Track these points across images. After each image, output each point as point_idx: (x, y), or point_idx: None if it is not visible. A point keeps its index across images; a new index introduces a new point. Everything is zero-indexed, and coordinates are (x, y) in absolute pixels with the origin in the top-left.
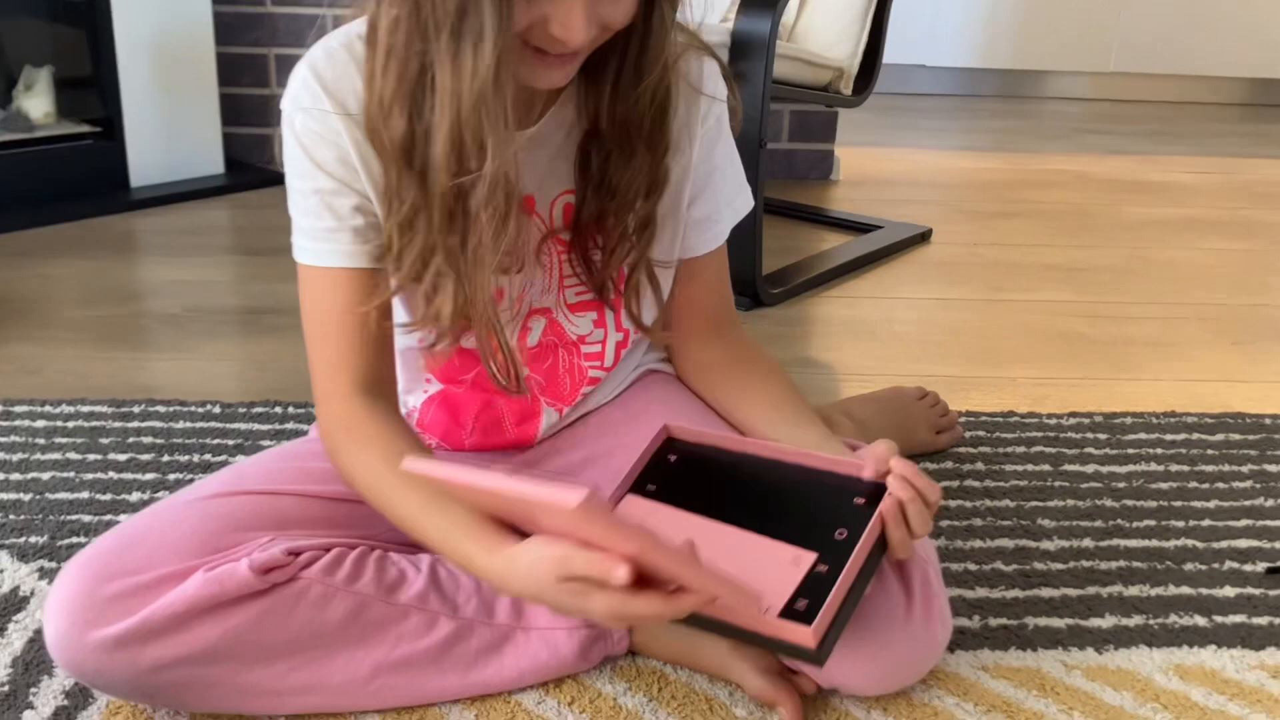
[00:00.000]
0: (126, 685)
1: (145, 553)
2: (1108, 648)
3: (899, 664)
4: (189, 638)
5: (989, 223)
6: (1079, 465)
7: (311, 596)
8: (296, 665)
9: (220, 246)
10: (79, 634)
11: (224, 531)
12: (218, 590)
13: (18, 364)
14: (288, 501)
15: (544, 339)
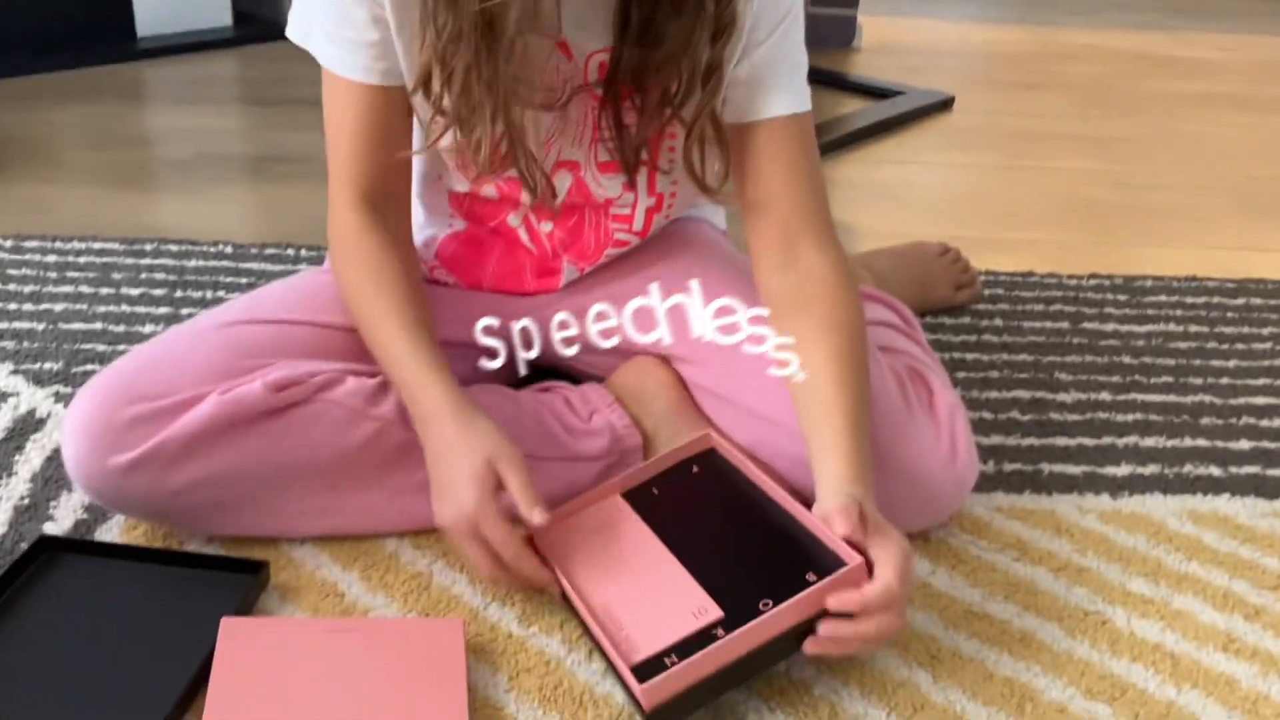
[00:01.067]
0: (146, 508)
1: (161, 377)
2: (1122, 494)
3: (931, 501)
4: (206, 460)
5: (1012, 93)
6: (1098, 324)
7: (330, 418)
8: (315, 488)
9: (229, 96)
10: (98, 459)
11: (240, 357)
12: (233, 410)
13: (27, 203)
14: (306, 331)
15: (569, 199)
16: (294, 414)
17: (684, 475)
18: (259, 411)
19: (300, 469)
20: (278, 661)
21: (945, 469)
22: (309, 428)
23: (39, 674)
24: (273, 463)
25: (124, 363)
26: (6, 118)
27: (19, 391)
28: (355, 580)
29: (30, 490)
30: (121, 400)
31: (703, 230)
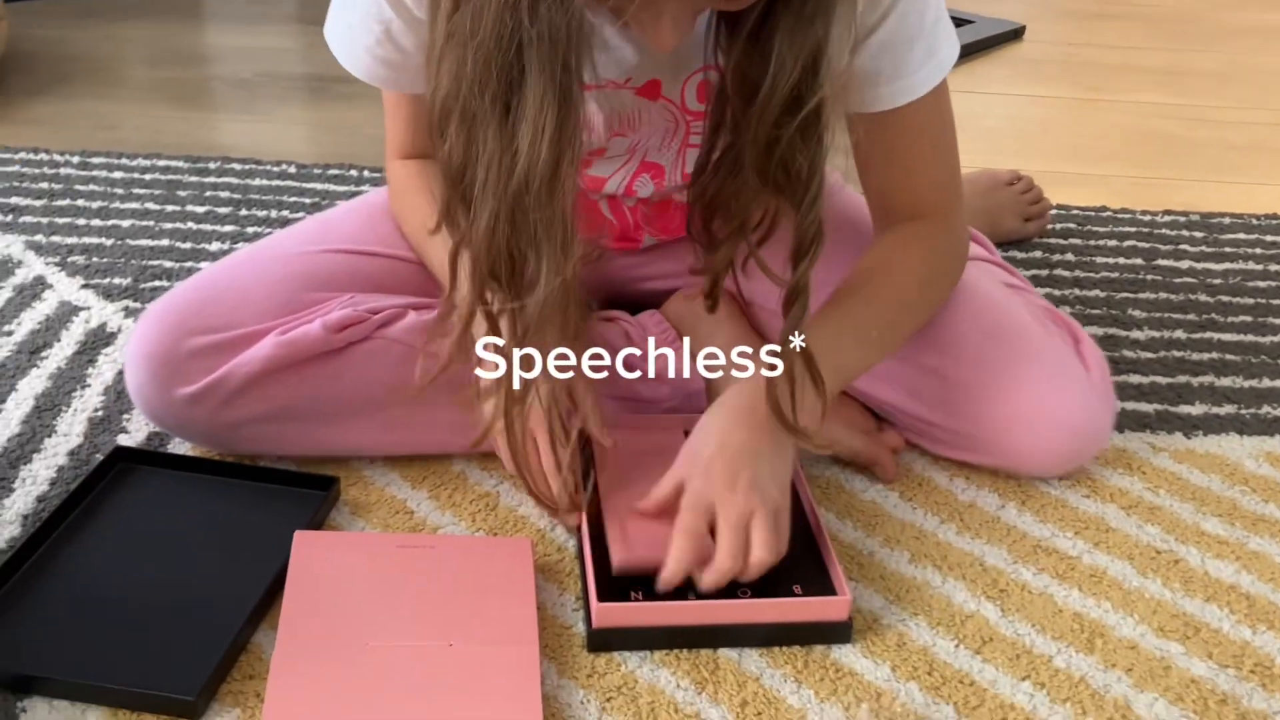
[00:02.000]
0: (207, 437)
1: (225, 310)
2: (1196, 433)
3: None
4: (266, 396)
5: (1084, 23)
6: (1173, 261)
7: (390, 356)
8: (375, 424)
9: (288, 15)
10: (160, 389)
11: (304, 290)
12: (290, 352)
13: (93, 119)
14: (373, 263)
15: (655, 196)
16: (353, 352)
17: None
18: (318, 352)
19: (359, 404)
20: (350, 575)
21: (1103, 408)
22: (368, 365)
23: (115, 584)
24: (332, 399)
25: (188, 289)
26: (72, 34)
27: (90, 305)
28: (424, 498)
29: (103, 403)
30: (184, 331)
31: None
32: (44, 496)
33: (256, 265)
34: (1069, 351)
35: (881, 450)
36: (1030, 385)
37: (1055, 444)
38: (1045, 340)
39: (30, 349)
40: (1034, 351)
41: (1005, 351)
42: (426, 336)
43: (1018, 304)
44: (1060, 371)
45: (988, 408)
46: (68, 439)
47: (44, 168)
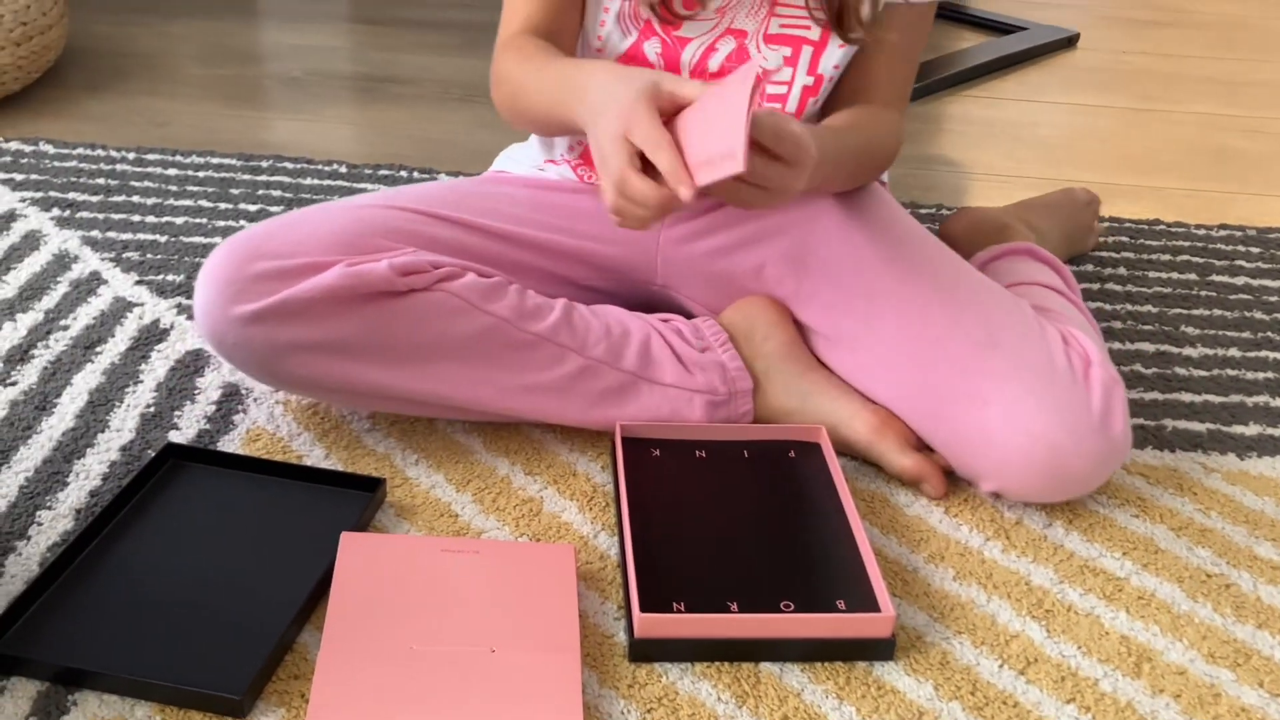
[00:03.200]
0: (261, 361)
1: (294, 240)
2: (1250, 455)
3: (1077, 471)
4: (323, 325)
5: (1139, 31)
6: (1228, 277)
7: (448, 308)
8: (425, 375)
9: (339, 14)
10: (223, 307)
11: (373, 235)
12: (355, 283)
13: (147, 115)
14: (441, 226)
15: (726, 63)
16: (413, 299)
17: (779, 453)
18: (380, 290)
19: (410, 350)
20: (395, 577)
21: (1096, 438)
22: (424, 314)
23: (164, 580)
24: (384, 340)
25: (260, 224)
26: (128, 31)
27: (144, 302)
28: (468, 502)
29: (155, 399)
30: (253, 255)
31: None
32: (96, 491)
33: (327, 210)
34: (1077, 378)
35: (930, 467)
36: (1007, 401)
37: (1029, 464)
38: (1037, 356)
39: (85, 344)
40: (1046, 374)
41: (989, 364)
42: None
43: (1047, 327)
44: (1045, 390)
45: (961, 419)
46: (120, 434)
47: (100, 164)
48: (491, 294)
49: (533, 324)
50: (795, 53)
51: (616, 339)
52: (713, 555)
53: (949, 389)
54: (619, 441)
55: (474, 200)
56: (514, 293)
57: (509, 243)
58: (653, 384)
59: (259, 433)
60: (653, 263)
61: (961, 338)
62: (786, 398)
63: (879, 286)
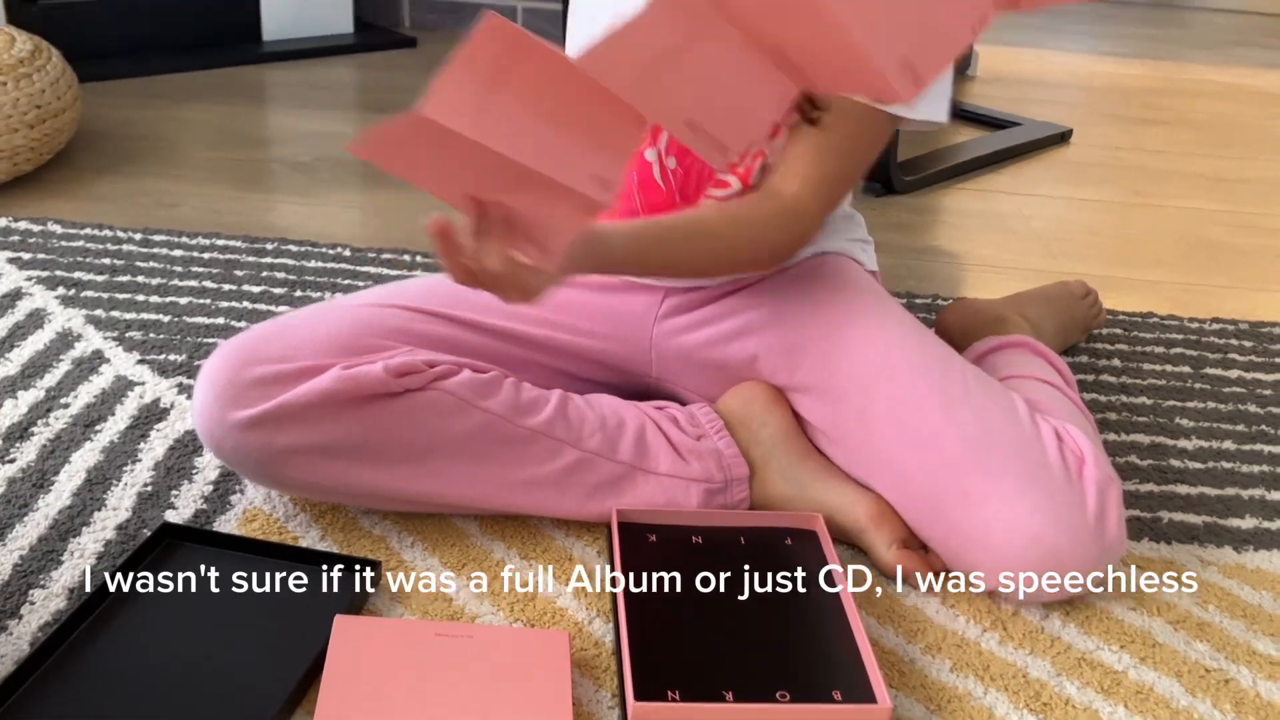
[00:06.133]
0: (258, 466)
1: (290, 344)
2: (1247, 548)
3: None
4: (320, 428)
5: (1132, 128)
6: (1221, 370)
7: (443, 407)
8: (421, 474)
9: (348, 102)
10: (220, 413)
11: (368, 336)
12: (351, 386)
13: (155, 197)
14: (436, 323)
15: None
16: (408, 399)
17: (775, 541)
18: (376, 392)
19: (407, 451)
20: (389, 662)
21: (1092, 539)
22: (420, 413)
23: (157, 660)
24: (381, 442)
25: (257, 327)
26: (139, 115)
27: (145, 381)
28: (464, 586)
29: (153, 478)
30: (249, 360)
31: (846, 272)
32: (91, 570)
33: (323, 311)
34: (1070, 478)
35: (916, 565)
36: (1002, 501)
37: (1024, 565)
38: (1033, 457)
39: (85, 422)
40: (1014, 467)
41: (983, 462)
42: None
43: (1039, 423)
44: (1040, 490)
45: (956, 518)
46: (116, 513)
47: (107, 244)
48: (486, 390)
49: (528, 418)
50: None
51: (612, 429)
52: (708, 643)
53: (944, 487)
54: (615, 527)
55: (467, 296)
56: (509, 387)
57: (503, 338)
58: (649, 474)
59: (255, 513)
60: (647, 356)
61: (956, 435)
62: (783, 484)
63: (872, 381)
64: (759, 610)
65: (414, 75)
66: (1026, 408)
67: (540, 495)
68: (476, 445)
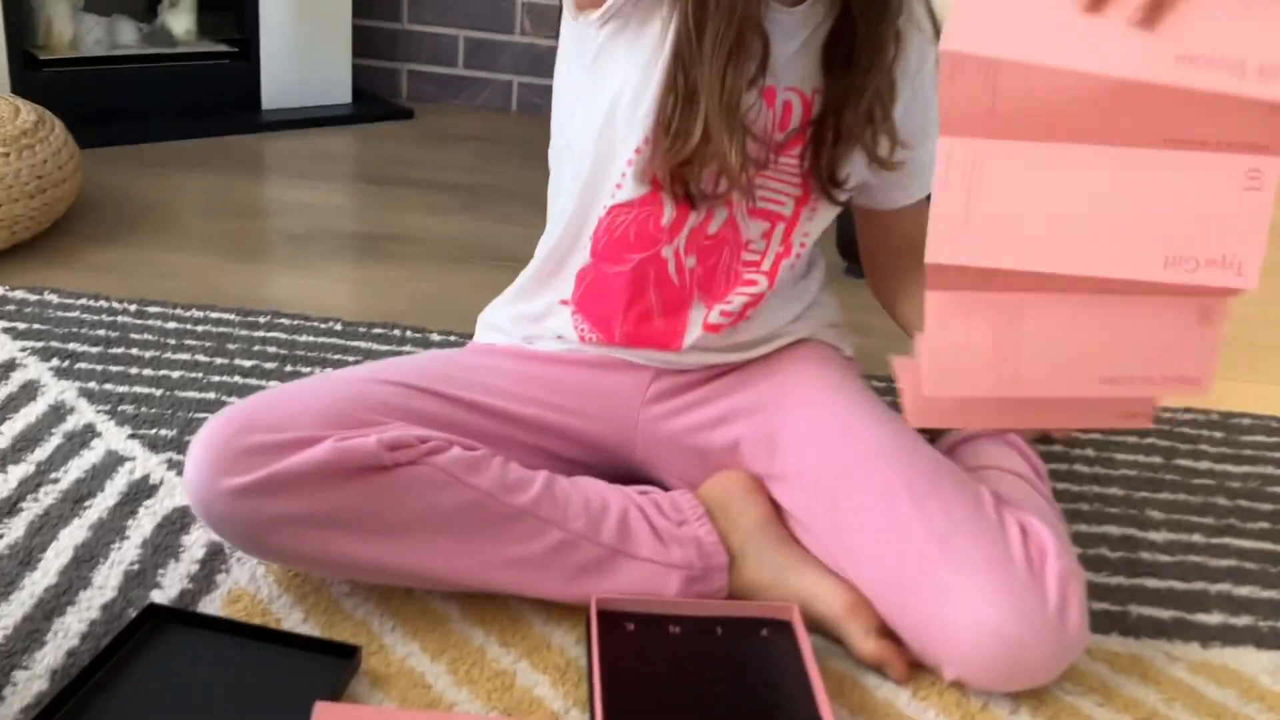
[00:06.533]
0: (246, 534)
1: (285, 414)
2: (1213, 644)
3: (1026, 665)
4: (310, 499)
5: None
6: (1192, 461)
7: (433, 482)
8: (408, 548)
9: (344, 173)
10: (212, 480)
11: (361, 410)
12: (344, 458)
13: (151, 267)
14: (428, 400)
15: (721, 230)
16: (399, 473)
17: (751, 631)
18: (368, 465)
19: (395, 524)
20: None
21: (1052, 633)
22: (410, 487)
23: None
24: (370, 514)
25: (253, 398)
26: (138, 182)
27: (135, 456)
28: (442, 672)
29: (140, 556)
30: (245, 429)
31: (824, 359)
32: (74, 651)
33: (318, 384)
34: (1030, 572)
35: (892, 654)
36: (965, 593)
37: (985, 656)
38: (996, 550)
39: (74, 498)
40: (977, 560)
41: (948, 554)
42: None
43: (1005, 518)
44: (1002, 583)
45: (921, 609)
46: (102, 592)
47: (103, 314)
48: (475, 468)
49: (515, 497)
50: (773, 225)
51: (596, 512)
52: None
53: (911, 579)
54: (594, 615)
55: (460, 373)
56: (497, 465)
57: (493, 417)
58: (630, 558)
59: (240, 594)
60: (632, 438)
61: (924, 528)
62: (760, 572)
63: (845, 471)
64: (734, 701)
65: (410, 147)
66: (993, 500)
67: (523, 574)
68: (464, 521)
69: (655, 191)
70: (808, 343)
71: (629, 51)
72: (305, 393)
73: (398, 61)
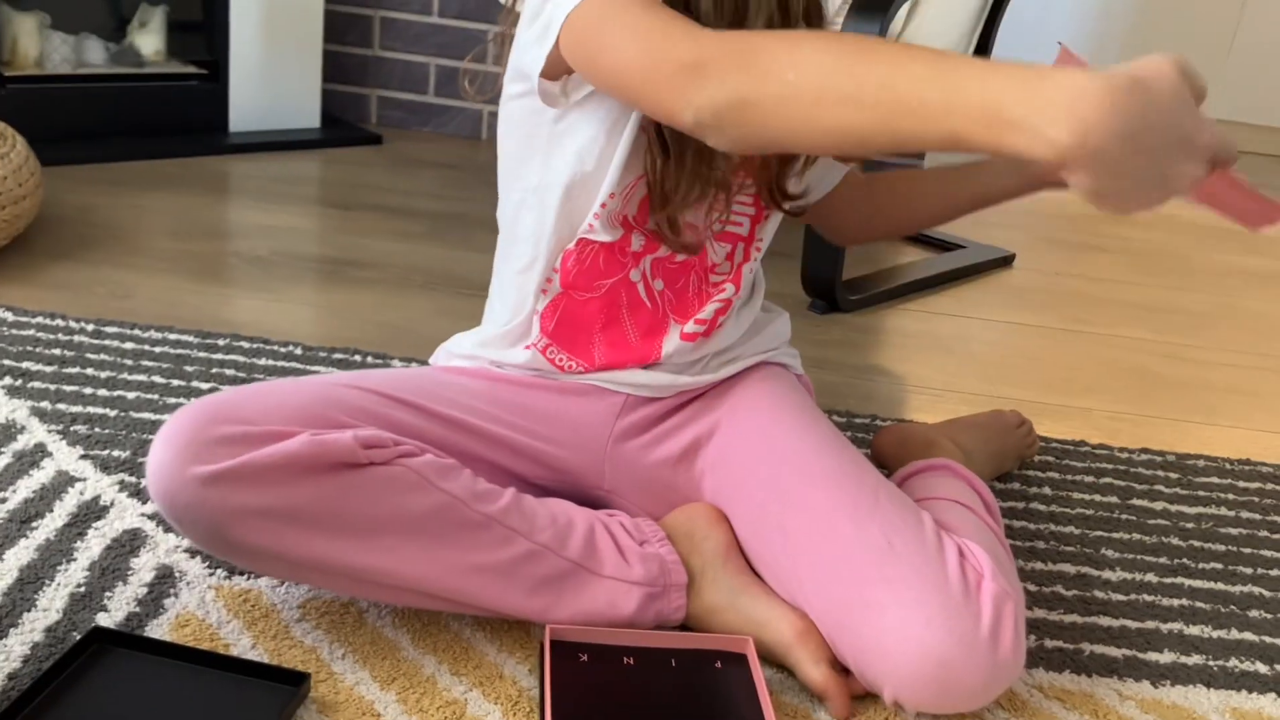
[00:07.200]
0: (210, 527)
1: (258, 408)
2: (1164, 683)
3: (959, 687)
4: (280, 491)
5: (1073, 254)
6: (1148, 501)
7: (405, 483)
8: (374, 548)
9: (310, 197)
10: (180, 467)
11: (336, 411)
12: (319, 451)
13: (110, 287)
14: (402, 409)
15: (688, 259)
16: (371, 471)
17: (705, 663)
18: (343, 461)
19: (364, 523)
20: None
21: (984, 653)
22: (381, 487)
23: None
24: (340, 511)
25: (227, 390)
26: (98, 201)
27: (86, 477)
28: (392, 701)
29: (87, 579)
30: (217, 419)
31: (780, 382)
32: (15, 674)
33: (293, 383)
34: (958, 585)
35: (837, 687)
36: (900, 612)
37: (918, 675)
38: (933, 571)
39: (22, 518)
40: (913, 579)
41: (885, 573)
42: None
43: (944, 540)
44: (936, 603)
45: (859, 628)
46: (47, 614)
47: (59, 333)
48: (447, 474)
49: (484, 505)
50: (733, 247)
51: (562, 527)
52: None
53: (850, 598)
54: (547, 645)
55: (433, 388)
56: (468, 476)
57: (464, 432)
58: (592, 574)
59: (189, 618)
60: (600, 467)
61: (862, 548)
62: (715, 594)
63: (790, 493)
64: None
65: (378, 172)
66: (934, 525)
67: (487, 581)
68: (433, 525)
69: (626, 233)
70: (768, 365)
71: (596, 108)
72: (278, 390)
73: (368, 87)
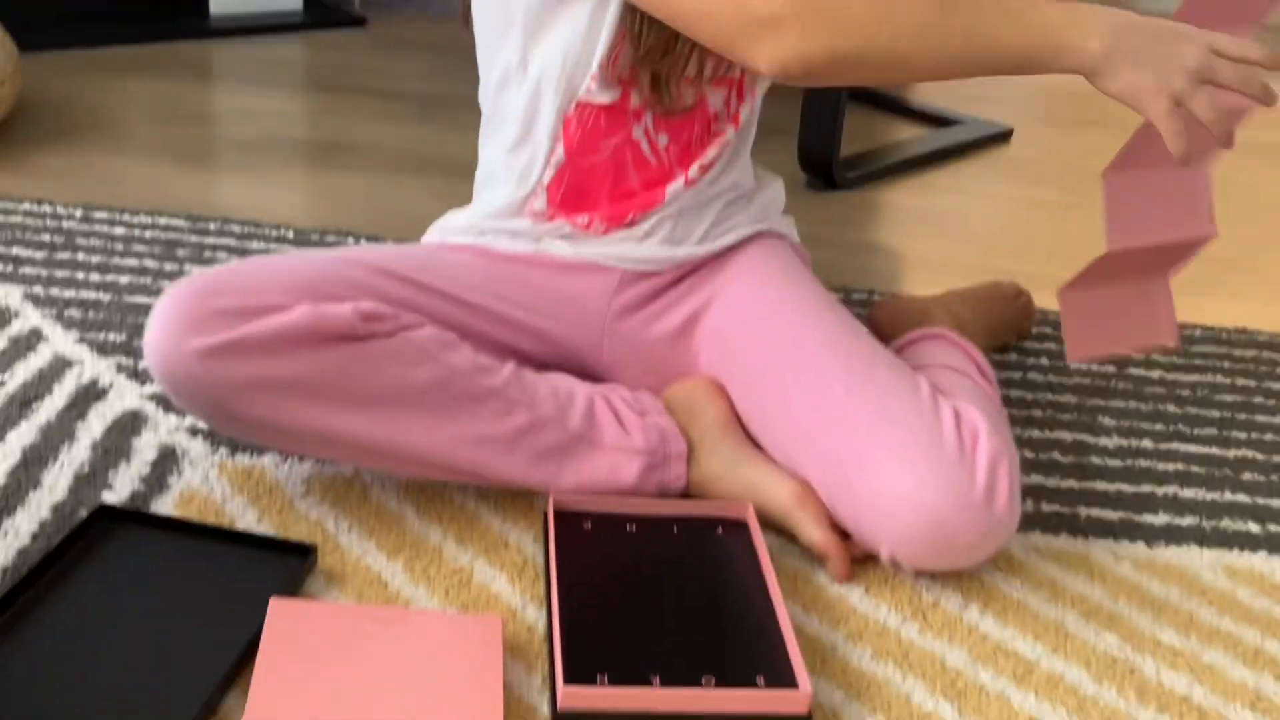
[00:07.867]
0: (211, 399)
1: (256, 281)
2: (1158, 543)
3: (957, 542)
4: (280, 363)
5: (1069, 130)
6: (1144, 370)
7: (407, 355)
8: (377, 420)
9: (295, 81)
10: (179, 340)
11: (336, 285)
12: (319, 324)
13: (97, 174)
14: (400, 284)
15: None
16: (373, 344)
17: (707, 530)
18: (343, 333)
19: (366, 395)
20: (322, 645)
21: (980, 511)
22: (383, 359)
23: (89, 643)
24: (341, 383)
25: (223, 266)
26: (82, 87)
27: (83, 360)
28: (399, 570)
29: (90, 458)
30: (214, 292)
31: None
32: (25, 550)
33: (288, 258)
34: (960, 451)
35: (837, 547)
36: (895, 471)
37: (914, 533)
38: (927, 431)
39: (21, 401)
40: (908, 440)
41: (880, 434)
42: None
43: (940, 402)
44: (932, 462)
45: (855, 487)
46: (52, 493)
47: (46, 219)
48: (448, 346)
49: (486, 378)
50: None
51: (563, 399)
52: (638, 629)
53: (846, 459)
54: (551, 514)
55: (431, 264)
56: (468, 349)
57: (462, 307)
58: (593, 445)
59: (192, 495)
60: (599, 343)
61: (859, 410)
62: (715, 462)
63: (786, 359)
64: (688, 598)
65: (363, 55)
66: (929, 388)
67: (489, 453)
68: (435, 397)
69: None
70: (760, 238)
71: None
72: (276, 264)
73: None
